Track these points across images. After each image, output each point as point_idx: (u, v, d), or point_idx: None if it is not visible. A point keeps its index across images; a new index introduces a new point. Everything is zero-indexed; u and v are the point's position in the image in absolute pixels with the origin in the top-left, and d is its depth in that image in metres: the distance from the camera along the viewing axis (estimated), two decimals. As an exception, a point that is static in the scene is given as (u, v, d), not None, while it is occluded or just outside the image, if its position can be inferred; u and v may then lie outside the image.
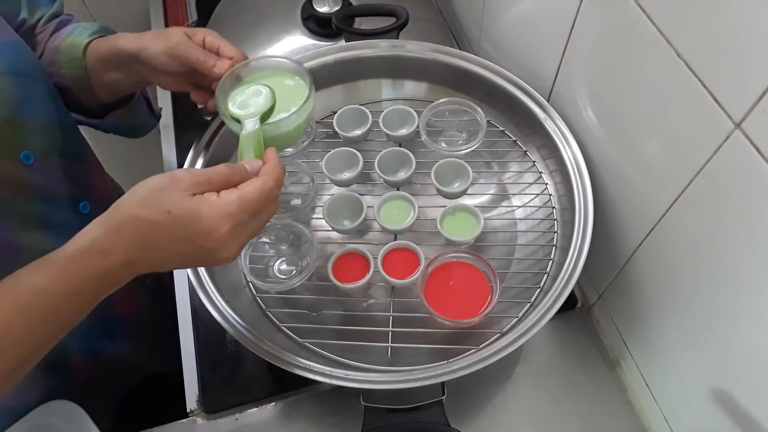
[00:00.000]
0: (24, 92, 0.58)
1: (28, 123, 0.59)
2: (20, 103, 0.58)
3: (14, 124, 0.57)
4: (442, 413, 0.59)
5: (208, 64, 0.61)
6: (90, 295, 0.47)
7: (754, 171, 0.43)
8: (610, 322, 0.74)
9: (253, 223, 0.49)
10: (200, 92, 0.66)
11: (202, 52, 0.61)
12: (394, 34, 0.80)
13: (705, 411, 0.58)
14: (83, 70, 0.65)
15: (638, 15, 0.52)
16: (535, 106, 0.72)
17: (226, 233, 0.46)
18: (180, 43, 0.61)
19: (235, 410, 0.72)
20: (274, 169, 0.50)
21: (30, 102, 0.59)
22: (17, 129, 0.58)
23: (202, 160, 0.71)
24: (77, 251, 0.46)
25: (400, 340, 0.65)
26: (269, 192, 0.48)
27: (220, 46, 0.62)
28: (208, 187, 0.47)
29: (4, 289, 0.45)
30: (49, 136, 0.62)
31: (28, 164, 0.59)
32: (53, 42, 0.66)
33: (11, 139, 0.57)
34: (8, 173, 0.57)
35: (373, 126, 0.76)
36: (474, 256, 0.65)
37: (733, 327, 0.52)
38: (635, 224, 0.62)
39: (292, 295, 0.69)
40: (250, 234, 0.49)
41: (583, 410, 0.71)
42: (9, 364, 0.45)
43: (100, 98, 0.68)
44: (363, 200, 0.69)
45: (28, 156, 0.59)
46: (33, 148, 0.59)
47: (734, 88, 0.44)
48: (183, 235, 0.46)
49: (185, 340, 0.77)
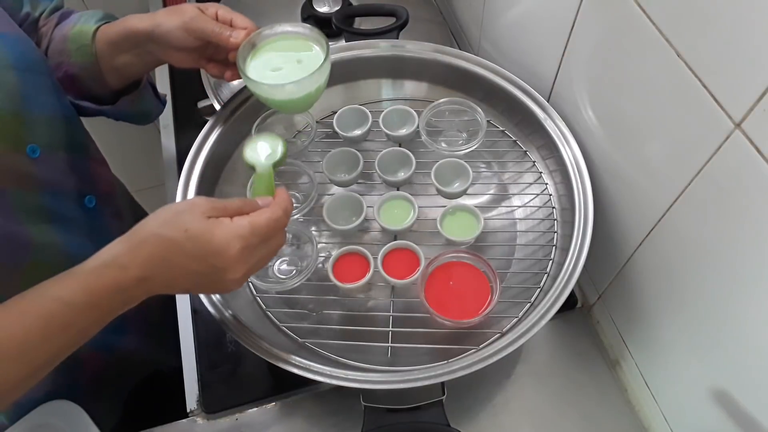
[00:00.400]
0: (29, 86, 0.59)
1: (34, 117, 0.60)
2: (25, 97, 0.59)
3: (20, 117, 0.58)
4: (442, 413, 0.59)
5: (224, 35, 0.62)
6: (106, 308, 0.49)
7: (754, 171, 0.43)
8: (610, 322, 0.74)
9: (262, 249, 0.52)
10: (215, 64, 0.68)
11: (217, 24, 0.63)
12: (394, 34, 0.80)
13: (705, 411, 0.58)
14: (93, 57, 0.65)
15: (638, 15, 0.52)
16: (535, 106, 0.72)
17: (236, 253, 0.49)
18: (195, 17, 0.62)
19: (235, 410, 0.72)
20: (284, 202, 0.54)
21: (35, 96, 0.60)
22: (23, 122, 0.59)
23: (202, 159, 0.71)
24: (98, 265, 0.48)
25: (400, 340, 0.65)
26: (278, 220, 0.52)
27: (233, 18, 0.64)
28: (223, 212, 0.51)
29: (30, 297, 0.47)
30: (53, 130, 0.63)
31: (34, 158, 0.60)
32: (60, 31, 0.67)
33: (18, 132, 0.58)
34: (15, 166, 0.58)
35: (373, 126, 0.76)
36: (474, 256, 0.65)
37: (733, 326, 0.52)
38: (635, 224, 0.62)
39: (292, 295, 0.69)
40: (259, 260, 0.52)
41: (583, 410, 0.71)
42: (24, 371, 0.46)
43: (110, 84, 0.69)
44: (363, 200, 0.69)
45: (34, 149, 0.60)
46: (38, 142, 0.60)
47: (734, 88, 0.44)
48: (196, 253, 0.49)
49: (185, 339, 0.77)
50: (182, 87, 1.00)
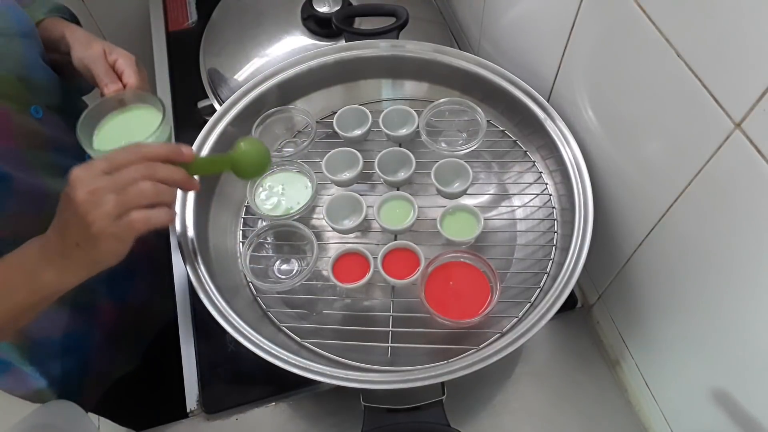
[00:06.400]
0: (30, 52, 0.65)
1: (36, 80, 0.66)
2: (28, 62, 0.65)
3: (25, 80, 0.64)
4: (442, 413, 0.59)
5: (102, 82, 0.67)
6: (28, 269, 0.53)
7: (754, 171, 0.43)
8: (610, 322, 0.74)
9: (109, 177, 0.50)
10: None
11: (106, 70, 0.67)
12: (394, 34, 0.80)
13: (705, 411, 0.58)
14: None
15: (638, 15, 0.52)
16: (535, 106, 0.72)
17: (81, 172, 0.50)
18: (92, 56, 0.67)
19: (235, 410, 0.72)
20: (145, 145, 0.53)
21: (36, 61, 0.66)
22: (28, 85, 0.64)
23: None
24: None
25: (400, 340, 0.65)
26: (129, 147, 0.52)
27: (124, 71, 0.68)
28: None
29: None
30: (51, 92, 0.69)
31: (38, 117, 0.65)
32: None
33: (24, 94, 0.64)
34: (24, 126, 0.63)
35: (373, 126, 0.76)
36: (474, 256, 0.65)
37: (733, 326, 0.52)
38: (635, 224, 0.62)
39: (292, 295, 0.69)
40: (104, 183, 0.50)
41: (583, 410, 0.71)
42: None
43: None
44: (363, 200, 0.69)
45: (37, 110, 0.65)
46: (40, 103, 0.66)
47: (734, 88, 0.44)
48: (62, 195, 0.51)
49: (185, 340, 0.77)
50: (182, 87, 1.00)
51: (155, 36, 1.08)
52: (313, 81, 0.80)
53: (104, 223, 0.49)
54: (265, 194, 0.72)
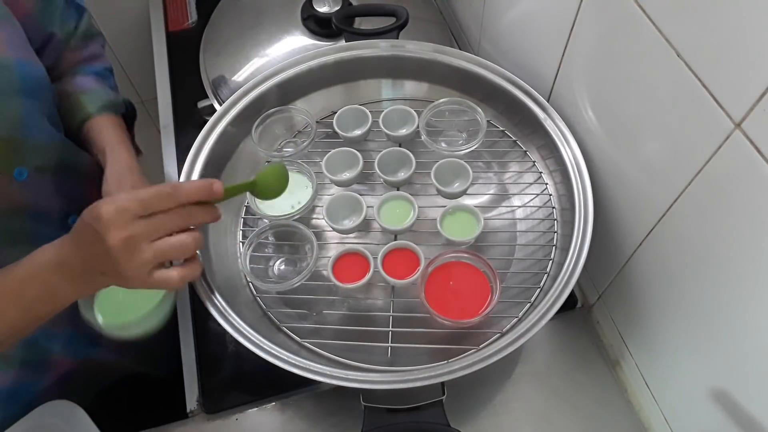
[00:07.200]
0: (31, 112, 0.61)
1: (30, 141, 0.61)
2: (25, 122, 0.60)
3: (14, 142, 0.59)
4: (442, 413, 0.59)
5: None
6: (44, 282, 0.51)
7: (754, 171, 0.43)
8: (610, 322, 0.74)
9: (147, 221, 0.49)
10: None
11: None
12: (394, 34, 0.80)
13: (705, 411, 0.58)
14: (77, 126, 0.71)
15: (638, 15, 0.52)
16: (535, 106, 0.72)
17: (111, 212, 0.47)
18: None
19: (235, 410, 0.72)
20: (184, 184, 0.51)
21: (35, 121, 0.62)
22: (17, 146, 0.60)
23: (202, 159, 0.71)
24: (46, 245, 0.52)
25: (400, 340, 0.65)
26: (160, 191, 0.49)
27: None
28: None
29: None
30: (46, 154, 0.65)
31: (20, 180, 0.61)
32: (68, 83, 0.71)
33: (7, 156, 0.59)
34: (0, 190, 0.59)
35: (373, 126, 0.76)
36: (474, 256, 0.65)
37: (733, 326, 0.52)
38: (635, 224, 0.62)
39: (292, 295, 0.69)
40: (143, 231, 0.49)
41: (583, 410, 0.71)
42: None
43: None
44: (363, 200, 0.69)
45: (21, 172, 0.61)
46: (28, 165, 0.61)
47: (734, 88, 0.44)
48: (84, 219, 0.49)
49: (185, 340, 0.77)
50: (182, 87, 1.00)
51: (155, 36, 1.08)
52: (313, 81, 0.80)
53: (139, 272, 0.49)
54: None
